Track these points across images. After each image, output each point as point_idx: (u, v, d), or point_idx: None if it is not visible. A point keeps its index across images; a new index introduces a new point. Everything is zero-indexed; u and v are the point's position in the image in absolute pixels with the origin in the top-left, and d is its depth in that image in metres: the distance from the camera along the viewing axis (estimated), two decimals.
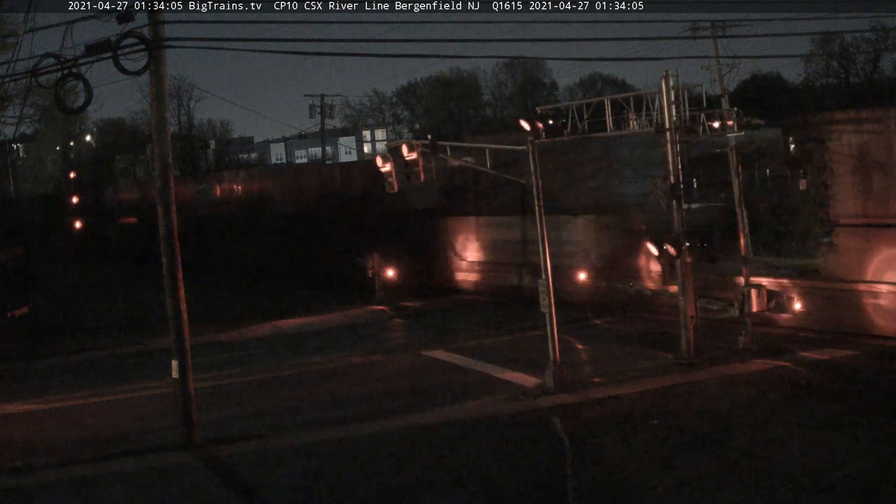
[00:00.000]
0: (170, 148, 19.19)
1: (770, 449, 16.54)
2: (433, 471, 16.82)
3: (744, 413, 18.96)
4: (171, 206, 18.97)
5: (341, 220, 46.94)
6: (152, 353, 29.84)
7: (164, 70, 18.57)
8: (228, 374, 26.75)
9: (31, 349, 32.26)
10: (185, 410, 18.88)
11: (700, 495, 14.62)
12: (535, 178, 22.28)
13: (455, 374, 24.79)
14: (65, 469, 17.97)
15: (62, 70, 17.06)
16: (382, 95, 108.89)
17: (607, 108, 30.49)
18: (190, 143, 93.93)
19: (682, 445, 17.16)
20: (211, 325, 34.31)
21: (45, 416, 22.96)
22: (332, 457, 17.91)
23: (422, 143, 24.16)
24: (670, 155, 23.97)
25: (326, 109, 65.76)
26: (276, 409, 22.11)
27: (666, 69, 23.91)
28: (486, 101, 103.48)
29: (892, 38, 72.58)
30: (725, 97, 49.45)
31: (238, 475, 17.27)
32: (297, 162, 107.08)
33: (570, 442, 17.90)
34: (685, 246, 23.51)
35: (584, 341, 27.54)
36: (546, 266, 22.18)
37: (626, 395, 21.08)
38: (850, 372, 22.02)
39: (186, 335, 18.98)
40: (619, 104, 31.02)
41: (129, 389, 25.28)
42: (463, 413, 20.55)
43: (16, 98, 37.80)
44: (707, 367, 23.02)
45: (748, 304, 24.29)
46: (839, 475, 15.03)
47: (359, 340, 31.20)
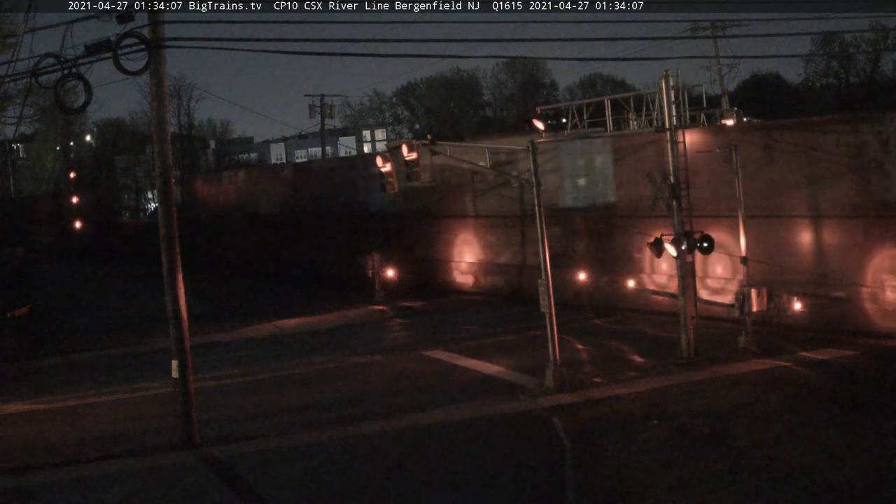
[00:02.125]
0: (170, 148, 19.20)
1: (770, 449, 16.54)
2: (433, 471, 16.81)
3: (744, 413, 18.96)
4: (171, 206, 18.98)
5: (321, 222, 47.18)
6: (152, 353, 29.86)
7: (164, 70, 18.58)
8: (228, 374, 26.75)
9: (31, 349, 32.27)
10: (185, 410, 18.89)
11: (700, 495, 14.62)
12: (536, 177, 22.30)
13: (455, 374, 24.80)
14: (65, 469, 17.97)
15: (62, 70, 17.06)
16: (382, 95, 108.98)
17: (607, 108, 30.51)
18: (190, 143, 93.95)
19: (682, 445, 17.15)
20: (211, 325, 34.32)
21: (45, 416, 22.96)
22: (332, 457, 17.91)
23: (422, 142, 24.16)
24: (670, 155, 23.98)
25: (326, 109, 65.80)
26: (276, 409, 22.10)
27: (666, 69, 23.94)
28: (486, 101, 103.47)
29: (892, 38, 72.59)
30: (725, 97, 49.55)
31: (238, 475, 17.26)
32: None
33: (570, 442, 17.89)
34: (685, 246, 23.53)
35: (584, 341, 27.54)
36: (546, 266, 22.18)
37: (626, 395, 21.08)
38: (849, 372, 22.01)
39: (186, 335, 18.99)
40: (619, 104, 31.08)
41: (129, 389, 25.29)
42: (463, 413, 20.55)
43: (16, 98, 37.81)
44: (707, 367, 23.03)
45: (748, 304, 24.29)
46: (839, 475, 15.03)
47: (359, 340, 31.19)
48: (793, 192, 27.10)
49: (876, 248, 25.18)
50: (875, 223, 25.20)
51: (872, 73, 76.29)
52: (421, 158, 22.33)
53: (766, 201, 27.41)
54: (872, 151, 25.15)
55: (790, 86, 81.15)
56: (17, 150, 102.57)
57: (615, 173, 32.86)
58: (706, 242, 23.80)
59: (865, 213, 25.32)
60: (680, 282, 23.97)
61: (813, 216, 26.69)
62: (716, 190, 27.88)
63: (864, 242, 25.46)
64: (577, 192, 35.12)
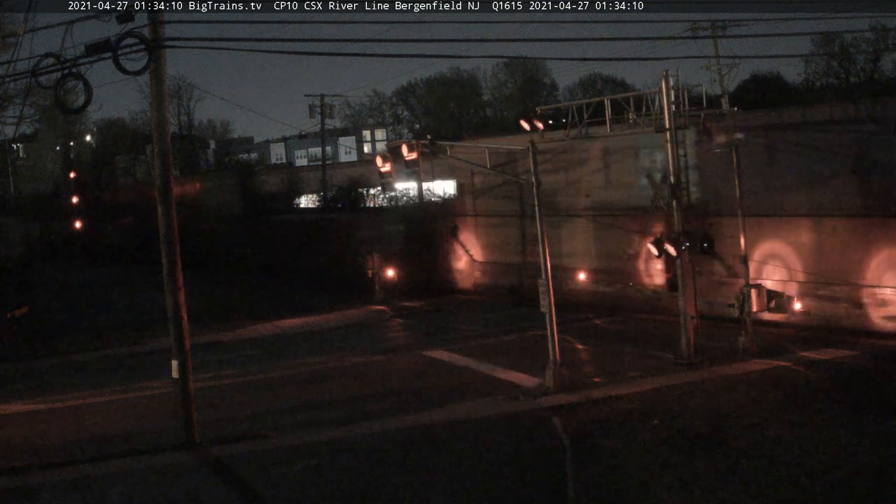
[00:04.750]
0: (170, 148, 19.19)
1: (770, 449, 16.55)
2: (433, 471, 16.81)
3: (744, 413, 18.96)
4: (171, 205, 18.97)
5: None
6: (152, 353, 29.85)
7: (164, 70, 18.58)
8: (228, 374, 26.75)
9: (31, 349, 32.25)
10: (185, 410, 18.88)
11: (700, 495, 14.62)
12: (535, 177, 22.29)
13: (455, 374, 24.79)
14: (65, 469, 17.97)
15: (62, 70, 17.04)
16: (382, 95, 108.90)
17: (607, 108, 30.54)
18: (190, 143, 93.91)
19: (682, 445, 17.16)
20: (211, 325, 34.30)
21: (45, 416, 22.95)
22: (332, 457, 17.91)
23: (422, 143, 24.18)
24: (670, 155, 23.98)
25: (326, 109, 65.69)
26: (276, 409, 22.10)
27: (666, 69, 23.92)
28: (486, 101, 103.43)
29: (892, 38, 72.55)
30: (725, 97, 49.48)
31: (238, 475, 17.26)
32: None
33: (570, 442, 17.90)
34: (685, 246, 23.52)
35: (585, 341, 27.54)
36: (546, 266, 22.17)
37: (626, 395, 21.08)
38: (849, 372, 22.01)
39: (186, 335, 18.98)
40: (619, 104, 31.09)
41: (129, 389, 25.28)
42: (463, 413, 20.55)
43: (16, 98, 37.77)
44: (707, 367, 23.03)
45: (748, 304, 24.29)
46: (839, 474, 15.03)
47: (359, 340, 31.18)
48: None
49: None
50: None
51: (872, 73, 76.26)
52: (420, 158, 22.33)
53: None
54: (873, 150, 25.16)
55: (790, 86, 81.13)
56: (17, 150, 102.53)
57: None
58: (706, 242, 23.82)
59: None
60: (680, 281, 23.97)
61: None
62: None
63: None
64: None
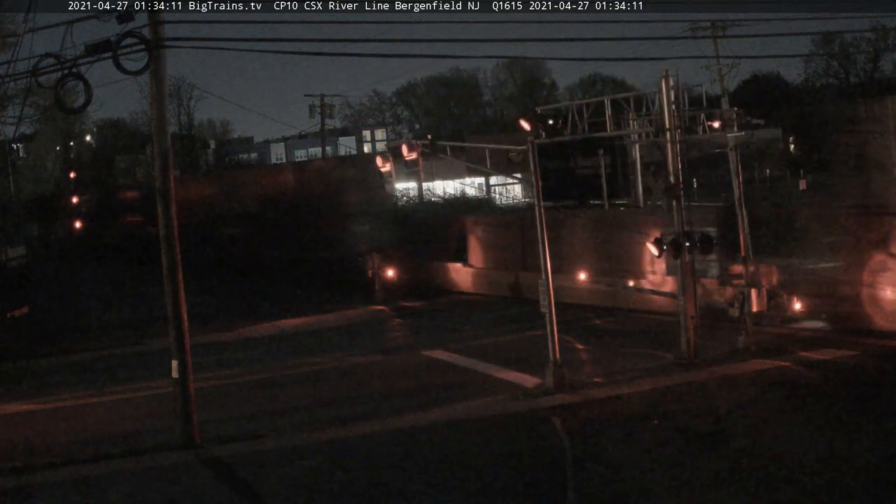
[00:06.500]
0: (170, 148, 19.18)
1: (770, 449, 16.53)
2: (433, 471, 16.80)
3: (744, 413, 18.95)
4: (172, 205, 18.96)
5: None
6: (152, 353, 29.84)
7: (164, 70, 18.57)
8: (228, 374, 26.74)
9: (31, 349, 32.25)
10: (185, 410, 18.87)
11: (700, 495, 14.61)
12: (535, 177, 22.28)
13: (455, 374, 24.79)
14: (65, 469, 17.94)
15: (62, 70, 17.05)
16: (382, 95, 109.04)
17: (607, 108, 30.56)
18: (190, 142, 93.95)
19: (682, 445, 17.15)
20: (211, 325, 34.31)
21: (45, 416, 22.95)
22: (332, 457, 17.89)
23: (422, 142, 24.19)
24: (670, 155, 23.97)
25: (326, 109, 65.81)
26: (276, 409, 22.09)
27: (666, 69, 23.88)
28: (486, 101, 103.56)
29: (892, 38, 72.61)
30: (725, 97, 49.49)
31: (238, 475, 17.26)
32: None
33: (570, 442, 17.89)
34: (685, 246, 23.51)
35: (585, 341, 27.53)
36: (546, 266, 22.16)
37: (626, 395, 21.07)
38: (849, 372, 21.99)
39: (186, 335, 18.97)
40: (619, 104, 31.11)
41: (129, 389, 25.26)
42: (463, 413, 20.53)
43: (16, 98, 37.81)
44: (707, 367, 23.02)
45: (748, 304, 24.28)
46: (839, 475, 15.02)
47: (359, 340, 31.19)
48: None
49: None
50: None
51: (872, 73, 76.32)
52: (420, 158, 22.33)
53: None
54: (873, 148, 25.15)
55: (790, 86, 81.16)
56: (17, 150, 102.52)
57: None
58: (705, 242, 23.79)
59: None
60: (680, 281, 23.95)
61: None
62: None
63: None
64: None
